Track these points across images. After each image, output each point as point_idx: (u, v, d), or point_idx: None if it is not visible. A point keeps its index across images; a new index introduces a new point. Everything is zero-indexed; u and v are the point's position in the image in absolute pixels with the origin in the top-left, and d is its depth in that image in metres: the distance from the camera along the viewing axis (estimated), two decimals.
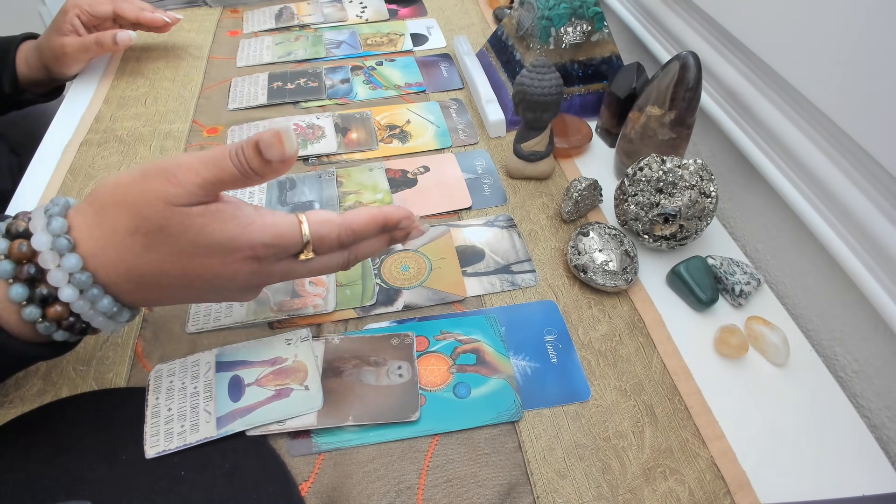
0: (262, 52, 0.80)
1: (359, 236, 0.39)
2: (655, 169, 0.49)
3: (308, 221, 0.37)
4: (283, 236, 0.36)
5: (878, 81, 0.41)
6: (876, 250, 0.42)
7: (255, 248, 0.35)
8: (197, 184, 0.33)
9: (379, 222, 0.40)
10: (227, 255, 0.35)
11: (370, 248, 0.41)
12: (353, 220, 0.39)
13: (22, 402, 0.42)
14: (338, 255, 0.39)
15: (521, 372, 0.44)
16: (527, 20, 0.66)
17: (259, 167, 0.35)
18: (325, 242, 0.38)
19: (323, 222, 0.37)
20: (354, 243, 0.40)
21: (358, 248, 0.40)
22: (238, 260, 0.35)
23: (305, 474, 0.38)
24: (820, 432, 0.41)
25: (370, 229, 0.39)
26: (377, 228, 0.40)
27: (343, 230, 0.38)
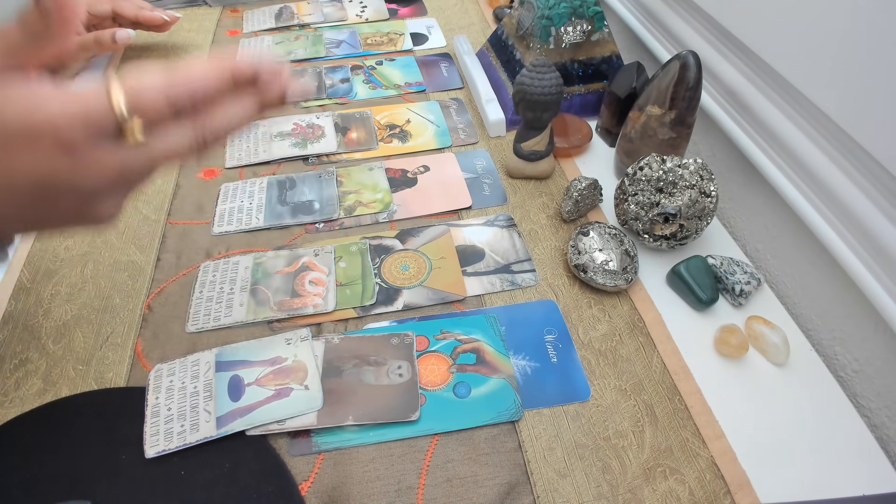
0: (261, 51, 0.80)
1: (199, 97, 0.31)
2: (655, 168, 0.49)
3: (122, 86, 0.29)
4: (88, 106, 0.28)
5: (878, 81, 0.40)
6: (876, 250, 0.42)
7: (57, 126, 0.27)
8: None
9: (224, 76, 0.32)
10: (29, 146, 0.28)
11: (231, 115, 0.32)
12: (186, 77, 0.30)
13: (22, 402, 0.42)
14: (182, 129, 0.31)
15: (521, 371, 0.44)
16: (527, 19, 0.66)
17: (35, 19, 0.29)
18: (149, 109, 0.29)
19: (142, 86, 0.29)
20: (197, 108, 0.31)
21: (211, 116, 0.32)
22: (45, 152, 0.28)
23: (305, 474, 0.38)
24: (820, 432, 0.41)
25: (216, 87, 0.31)
26: (226, 86, 0.32)
27: (174, 90, 0.30)
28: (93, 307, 0.48)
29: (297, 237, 0.54)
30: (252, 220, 0.55)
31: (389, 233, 0.54)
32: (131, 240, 0.54)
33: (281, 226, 0.55)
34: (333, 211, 0.56)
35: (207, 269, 0.51)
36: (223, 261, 0.51)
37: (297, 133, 0.65)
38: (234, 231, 0.54)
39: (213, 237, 0.54)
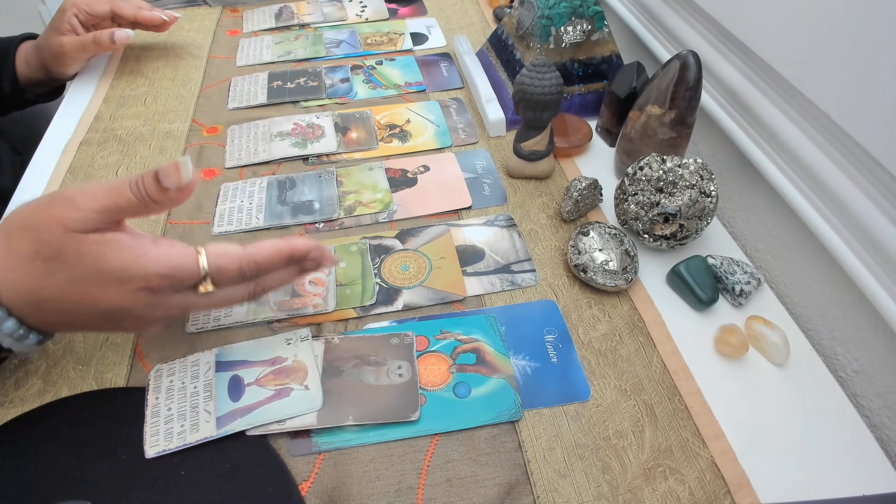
0: (261, 51, 0.80)
1: (262, 269, 0.39)
2: (655, 168, 0.49)
3: (207, 253, 0.37)
4: (179, 268, 0.36)
5: (878, 80, 0.40)
6: (876, 250, 0.42)
7: (149, 278, 0.35)
8: (95, 209, 0.34)
9: (285, 255, 0.39)
10: (120, 285, 0.35)
11: (279, 279, 0.41)
12: (256, 253, 0.38)
13: (22, 402, 0.42)
14: (242, 287, 0.39)
15: (521, 371, 0.44)
16: (527, 19, 0.66)
17: (156, 194, 0.35)
18: (224, 275, 0.37)
19: (222, 255, 0.37)
20: (258, 275, 0.39)
21: (264, 280, 0.40)
22: (132, 290, 0.35)
23: (305, 474, 0.38)
24: (820, 432, 0.41)
25: (275, 262, 0.39)
26: (283, 261, 0.40)
27: (245, 262, 0.38)
28: None
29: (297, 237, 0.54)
30: (252, 220, 0.55)
31: (389, 233, 0.54)
32: None
33: (281, 226, 0.55)
34: (333, 211, 0.56)
35: None
36: None
37: (297, 133, 0.65)
38: (234, 231, 0.54)
39: (213, 237, 0.54)
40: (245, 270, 0.38)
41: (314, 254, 0.41)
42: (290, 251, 0.39)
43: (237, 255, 0.37)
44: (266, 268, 0.39)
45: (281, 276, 0.41)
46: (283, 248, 0.39)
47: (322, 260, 0.41)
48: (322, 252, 0.41)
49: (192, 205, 0.57)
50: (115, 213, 0.35)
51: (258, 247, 0.38)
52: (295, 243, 0.40)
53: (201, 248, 0.37)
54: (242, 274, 0.38)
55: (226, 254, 0.37)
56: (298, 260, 0.41)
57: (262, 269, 0.39)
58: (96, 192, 0.34)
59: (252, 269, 0.38)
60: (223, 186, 0.59)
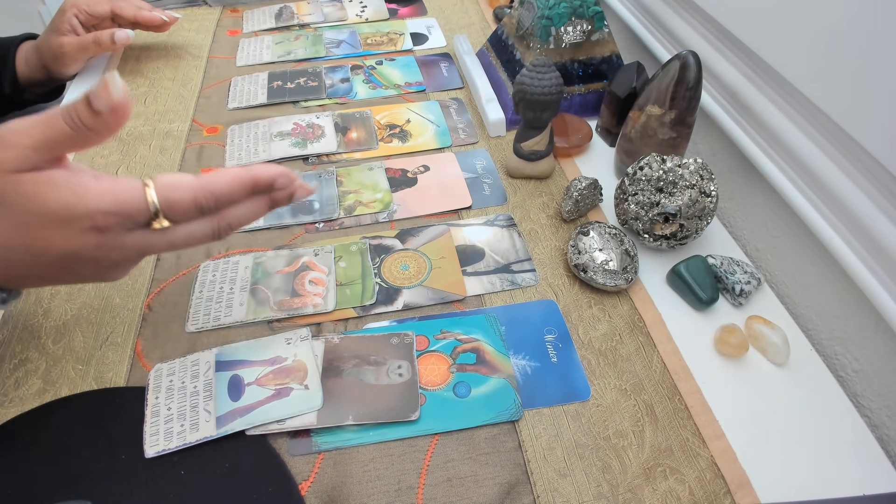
0: (261, 51, 0.80)
1: (222, 200, 0.35)
2: (656, 168, 0.49)
3: (155, 185, 0.33)
4: (124, 202, 0.33)
5: (878, 80, 0.40)
6: (876, 249, 0.42)
7: (93, 216, 0.32)
8: (28, 146, 0.31)
9: (246, 183, 0.36)
10: (64, 227, 0.32)
11: (245, 212, 0.37)
12: (214, 183, 0.35)
13: (22, 402, 0.41)
14: (203, 222, 0.36)
15: (521, 371, 0.44)
16: (527, 19, 0.66)
17: (89, 119, 0.32)
18: (178, 209, 0.34)
19: (174, 186, 0.34)
20: (219, 208, 0.36)
21: (228, 213, 0.36)
22: (77, 231, 0.32)
23: (305, 474, 0.38)
24: (820, 432, 0.41)
25: (236, 192, 0.36)
26: (245, 190, 0.36)
27: (201, 193, 0.34)
28: (92, 307, 0.48)
29: (297, 237, 0.54)
30: None
31: (389, 232, 0.54)
32: None
33: (281, 225, 0.55)
34: (333, 211, 0.56)
35: (207, 268, 0.51)
36: (223, 260, 0.51)
37: (297, 133, 0.65)
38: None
39: None
40: (202, 202, 0.34)
41: (281, 181, 0.37)
42: (253, 179, 0.36)
43: (190, 186, 0.34)
44: (226, 199, 0.36)
45: (248, 208, 0.37)
46: (245, 176, 0.36)
47: (293, 188, 0.38)
48: (290, 179, 0.38)
49: None
50: (50, 146, 0.32)
51: (215, 176, 0.35)
52: (257, 170, 0.37)
53: (149, 181, 0.34)
54: (199, 206, 0.34)
55: (177, 185, 0.34)
56: (264, 189, 0.37)
57: (222, 201, 0.35)
58: (28, 128, 0.32)
59: (210, 200, 0.35)
60: None
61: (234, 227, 0.37)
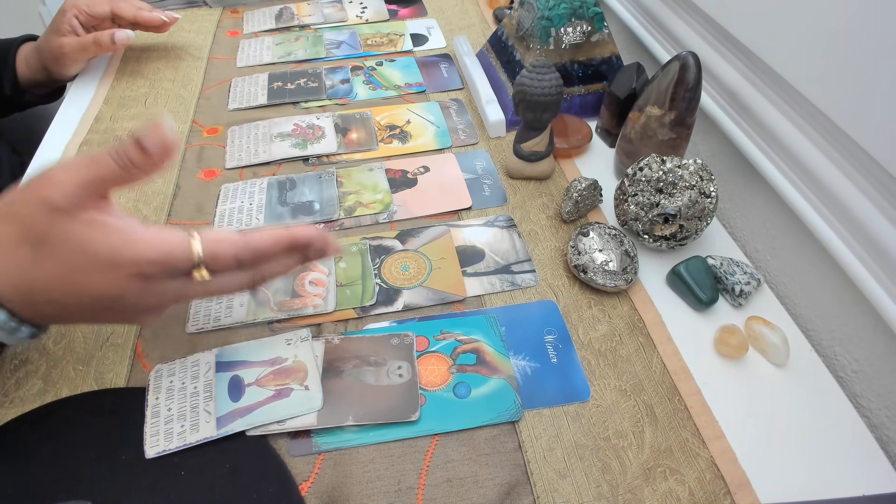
0: (262, 52, 0.80)
1: (260, 257, 0.37)
2: (655, 169, 0.49)
3: (201, 239, 0.35)
4: (171, 254, 0.34)
5: (877, 81, 0.41)
6: (876, 250, 0.42)
7: (140, 264, 0.33)
8: (76, 183, 0.32)
9: (284, 244, 0.38)
10: (111, 271, 0.33)
11: (280, 267, 0.39)
12: (254, 241, 0.37)
13: (22, 402, 0.42)
14: (241, 275, 0.37)
15: (521, 372, 0.44)
16: (527, 20, 0.66)
17: (138, 158, 0.33)
18: (219, 262, 0.36)
19: (218, 241, 0.35)
20: (256, 264, 0.38)
21: (264, 268, 0.38)
22: (123, 277, 0.34)
23: (305, 474, 0.38)
24: (820, 432, 0.41)
25: (274, 250, 0.38)
26: (283, 250, 0.38)
27: (242, 250, 0.36)
28: None
29: None
30: (252, 220, 0.55)
31: (389, 233, 0.54)
32: None
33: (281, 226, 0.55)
34: (333, 212, 0.56)
35: None
36: None
37: (297, 134, 0.66)
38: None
39: None
40: (242, 258, 0.36)
41: (318, 244, 0.39)
42: (291, 240, 0.38)
43: (233, 242, 0.36)
44: (264, 256, 0.37)
45: (282, 263, 0.39)
46: (284, 237, 0.38)
47: (326, 249, 0.40)
48: (325, 240, 0.40)
49: (192, 206, 0.57)
50: (97, 184, 0.33)
51: (258, 235, 0.37)
52: (296, 232, 0.38)
53: (195, 233, 0.35)
54: (239, 261, 0.36)
55: (222, 240, 0.36)
56: (300, 249, 0.39)
57: (261, 258, 0.37)
58: (76, 166, 0.33)
59: (249, 257, 0.37)
60: (223, 187, 0.59)
61: (266, 280, 0.39)
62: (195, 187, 0.59)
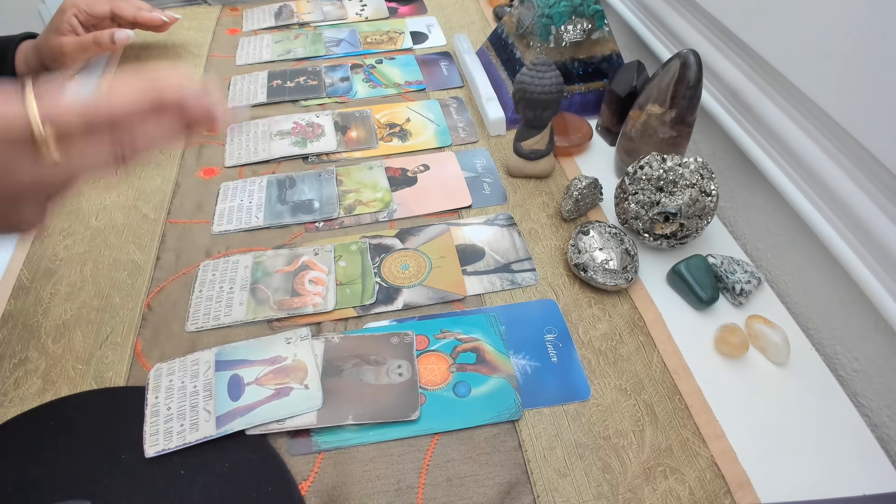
0: (261, 50, 0.80)
1: (117, 118, 0.31)
2: (656, 167, 0.49)
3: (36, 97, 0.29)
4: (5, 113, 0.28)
5: (878, 80, 0.40)
6: (876, 249, 0.42)
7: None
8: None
9: (151, 99, 0.31)
10: None
11: (150, 135, 0.32)
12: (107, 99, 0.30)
13: (22, 402, 0.41)
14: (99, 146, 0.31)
15: (522, 371, 0.44)
16: (527, 18, 0.66)
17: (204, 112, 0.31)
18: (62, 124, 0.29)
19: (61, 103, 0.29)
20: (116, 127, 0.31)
21: (130, 136, 0.31)
22: None
23: (305, 473, 0.38)
24: (820, 432, 0.41)
25: (136, 109, 0.31)
26: (147, 107, 0.32)
27: (91, 110, 0.30)
28: (92, 306, 0.48)
29: (297, 236, 0.54)
30: (252, 219, 0.55)
31: (389, 232, 0.54)
32: (131, 239, 0.53)
33: (281, 225, 0.55)
34: (333, 210, 0.56)
35: (207, 268, 0.51)
36: (223, 260, 0.51)
37: (297, 132, 0.65)
38: (234, 230, 0.54)
39: (213, 236, 0.54)
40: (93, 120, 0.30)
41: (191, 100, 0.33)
42: (155, 96, 0.31)
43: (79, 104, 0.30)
44: (124, 118, 0.31)
45: (154, 129, 0.32)
46: (145, 92, 0.31)
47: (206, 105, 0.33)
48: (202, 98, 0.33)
49: (191, 204, 0.57)
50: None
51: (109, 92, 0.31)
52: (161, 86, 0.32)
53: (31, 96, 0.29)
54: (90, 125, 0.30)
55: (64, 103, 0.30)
56: (172, 107, 0.33)
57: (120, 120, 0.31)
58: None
59: (104, 117, 0.30)
60: (223, 185, 0.59)
61: (138, 150, 0.32)
62: (195, 185, 0.59)
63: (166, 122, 0.33)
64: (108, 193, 0.58)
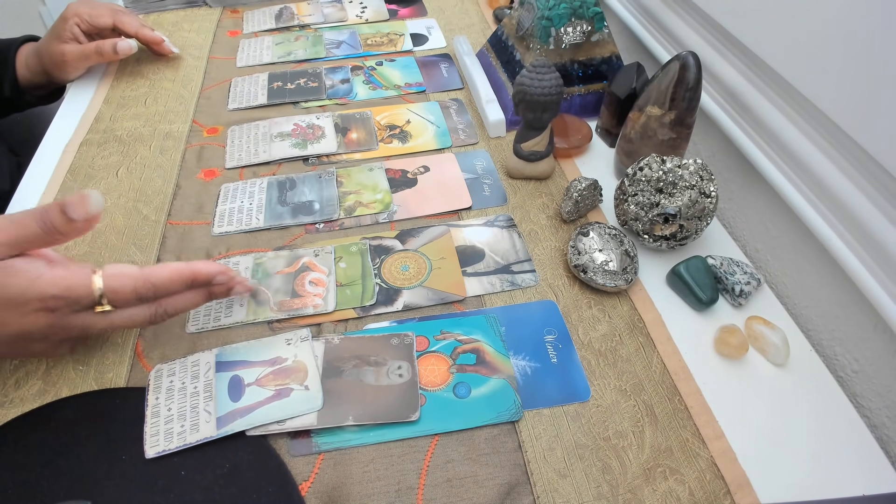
0: (262, 52, 0.80)
1: (161, 291, 0.39)
2: (655, 169, 0.49)
3: (102, 274, 0.38)
4: (72, 288, 0.37)
5: (877, 81, 0.41)
6: (876, 250, 0.42)
7: (45, 300, 0.36)
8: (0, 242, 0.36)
9: (185, 278, 0.40)
10: (18, 308, 0.36)
11: (183, 302, 0.41)
12: (154, 275, 0.39)
13: (22, 402, 0.42)
14: (142, 308, 0.39)
15: (521, 372, 0.44)
16: (527, 20, 0.66)
17: (62, 225, 0.37)
18: (119, 295, 0.38)
19: (117, 275, 0.38)
20: (157, 297, 0.39)
21: (167, 302, 0.40)
22: (30, 312, 0.36)
23: (305, 474, 0.38)
24: (820, 432, 0.41)
25: (174, 285, 0.39)
26: (183, 284, 0.40)
27: (140, 284, 0.38)
28: None
29: (297, 237, 0.54)
30: (252, 220, 0.55)
31: (389, 233, 0.54)
32: (131, 240, 0.54)
33: (281, 226, 0.55)
34: (333, 211, 0.56)
35: None
36: (223, 261, 0.51)
37: (297, 133, 0.66)
38: (235, 231, 0.54)
39: (214, 238, 0.54)
40: (141, 292, 0.38)
41: (220, 279, 0.41)
42: (192, 275, 0.40)
43: (132, 276, 0.38)
44: (164, 290, 0.39)
45: (186, 298, 0.41)
46: (184, 271, 0.40)
47: (231, 284, 0.42)
48: (230, 277, 0.42)
49: (192, 205, 0.57)
50: (19, 245, 0.37)
51: (156, 269, 0.39)
52: (196, 267, 0.40)
53: (97, 269, 0.38)
54: (138, 295, 0.38)
55: (121, 274, 0.38)
56: (202, 284, 0.41)
57: (160, 292, 0.39)
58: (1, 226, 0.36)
59: (148, 290, 0.39)
60: (223, 187, 0.59)
61: (170, 314, 0.41)
62: (195, 187, 0.59)
63: (196, 293, 0.41)
64: (109, 195, 0.58)
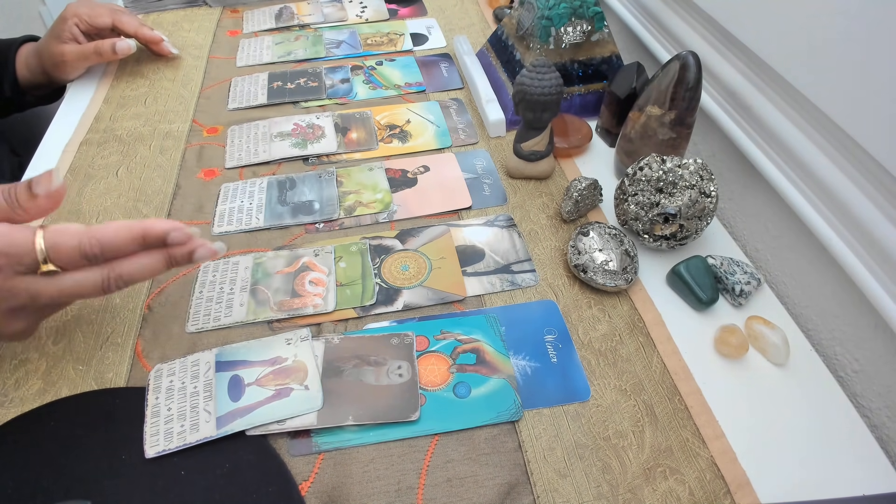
0: (261, 51, 0.80)
1: (108, 248, 0.36)
2: (655, 168, 0.49)
3: (45, 231, 0.35)
4: (13, 244, 0.34)
5: (877, 81, 0.40)
6: (876, 250, 0.42)
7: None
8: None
9: (135, 234, 0.37)
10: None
11: (139, 267, 0.38)
12: (100, 231, 0.36)
13: (22, 402, 0.42)
14: (92, 272, 0.37)
15: (521, 371, 0.44)
16: (527, 20, 0.66)
17: (25, 200, 0.36)
18: (63, 253, 0.35)
19: (61, 231, 0.35)
20: (106, 257, 0.37)
21: (120, 265, 0.37)
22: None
23: (305, 474, 0.38)
24: (820, 432, 0.41)
25: (123, 242, 0.36)
26: (135, 241, 0.37)
27: (86, 240, 0.35)
28: (93, 307, 0.48)
29: (297, 237, 0.54)
30: (252, 220, 0.55)
31: (389, 233, 0.54)
32: None
33: (281, 226, 0.55)
34: (333, 211, 0.56)
35: (207, 269, 0.51)
36: (223, 261, 0.51)
37: (297, 133, 0.65)
38: (234, 231, 0.54)
39: (214, 237, 0.54)
40: (86, 249, 0.35)
41: (175, 235, 0.37)
42: (142, 231, 0.37)
43: (76, 233, 0.35)
44: (112, 247, 0.36)
45: (142, 263, 0.38)
46: (134, 227, 0.36)
47: (191, 246, 0.38)
48: (186, 234, 0.38)
49: (192, 205, 0.57)
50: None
51: (103, 225, 0.36)
52: (148, 223, 0.37)
53: (40, 228, 0.35)
54: (84, 253, 0.35)
55: (64, 231, 0.35)
56: (156, 243, 0.38)
57: (108, 249, 0.36)
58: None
59: (94, 247, 0.36)
60: (223, 187, 0.59)
61: (126, 280, 0.38)
62: (195, 187, 0.59)
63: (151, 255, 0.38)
64: (109, 195, 0.58)
